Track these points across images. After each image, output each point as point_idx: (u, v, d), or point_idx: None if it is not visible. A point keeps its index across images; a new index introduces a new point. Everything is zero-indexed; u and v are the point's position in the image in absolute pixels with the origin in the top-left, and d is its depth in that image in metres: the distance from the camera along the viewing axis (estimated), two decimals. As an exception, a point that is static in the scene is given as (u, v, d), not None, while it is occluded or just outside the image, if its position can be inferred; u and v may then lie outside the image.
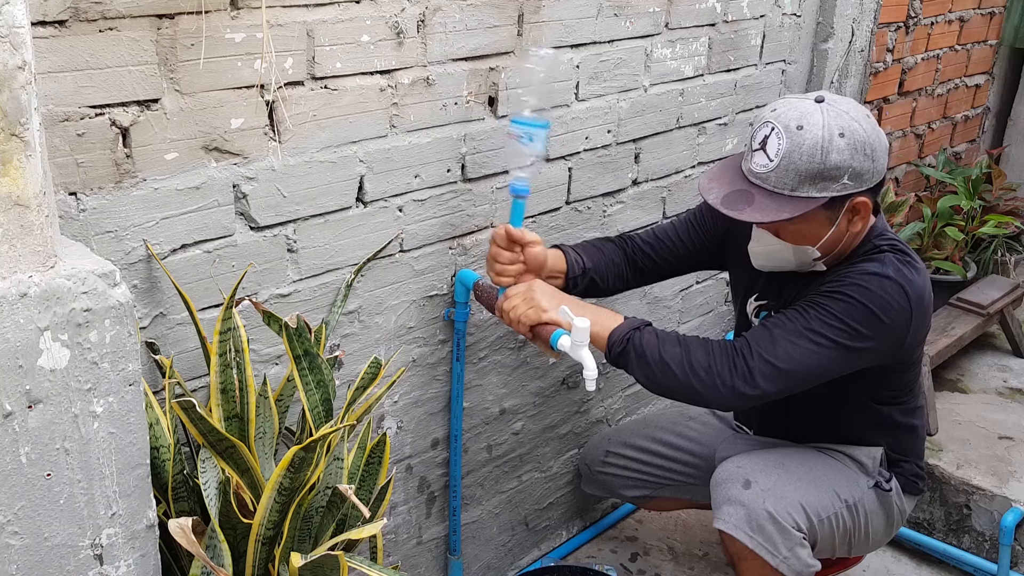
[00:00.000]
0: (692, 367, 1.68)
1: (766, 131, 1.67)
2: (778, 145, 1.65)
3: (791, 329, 1.68)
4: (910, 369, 1.90)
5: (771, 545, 1.79)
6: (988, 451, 2.67)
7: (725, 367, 1.67)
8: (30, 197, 1.07)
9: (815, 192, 1.65)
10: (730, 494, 1.84)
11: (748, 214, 1.67)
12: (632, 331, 1.73)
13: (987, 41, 3.74)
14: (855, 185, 1.66)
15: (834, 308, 1.67)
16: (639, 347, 1.71)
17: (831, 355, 1.67)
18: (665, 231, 2.06)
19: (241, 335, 1.43)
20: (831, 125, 1.63)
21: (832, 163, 1.63)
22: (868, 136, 1.65)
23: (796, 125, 1.64)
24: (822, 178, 1.64)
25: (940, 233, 3.35)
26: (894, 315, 1.68)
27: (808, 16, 2.66)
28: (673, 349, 1.70)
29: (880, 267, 1.71)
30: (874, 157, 1.66)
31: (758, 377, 1.66)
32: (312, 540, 1.51)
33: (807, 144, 1.63)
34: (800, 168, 1.63)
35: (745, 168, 1.72)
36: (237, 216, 1.54)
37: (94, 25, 1.28)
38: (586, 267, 1.94)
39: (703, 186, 1.76)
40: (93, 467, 1.19)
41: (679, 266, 2.08)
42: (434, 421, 2.04)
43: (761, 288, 1.96)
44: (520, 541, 2.41)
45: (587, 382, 1.66)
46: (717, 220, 2.00)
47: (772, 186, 1.66)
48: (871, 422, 1.94)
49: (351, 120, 1.63)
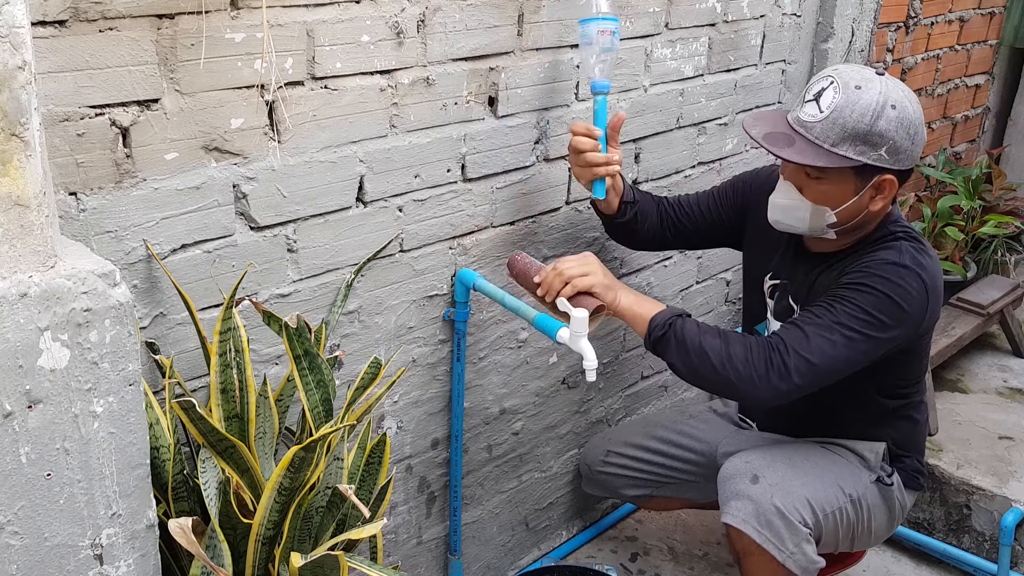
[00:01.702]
0: (731, 359, 1.71)
1: (824, 84, 1.73)
2: (833, 98, 1.70)
3: (821, 324, 1.71)
4: (919, 359, 1.93)
5: (778, 540, 1.79)
6: (988, 451, 2.67)
7: (762, 362, 1.70)
8: (30, 197, 1.07)
9: (853, 153, 1.70)
10: (738, 489, 1.84)
11: (787, 152, 1.72)
12: (675, 317, 1.77)
13: (987, 41, 3.74)
14: (891, 160, 1.71)
15: (860, 300, 1.71)
16: (680, 334, 1.74)
17: (861, 347, 1.71)
18: (689, 200, 2.12)
19: (241, 335, 1.43)
20: (887, 94, 1.69)
21: (878, 129, 1.68)
22: (915, 118, 1.72)
23: (855, 84, 1.70)
24: (864, 142, 1.69)
25: (940, 233, 3.35)
26: (914, 303, 1.73)
27: (808, 16, 2.66)
28: (713, 340, 1.73)
29: (897, 256, 1.75)
30: (914, 140, 1.72)
31: (793, 372, 1.69)
32: (312, 540, 1.51)
33: (861, 103, 1.68)
34: (847, 125, 1.68)
35: (792, 117, 1.77)
36: (237, 216, 1.54)
37: (94, 25, 1.28)
38: (635, 199, 2.02)
39: (747, 123, 1.82)
40: (93, 467, 1.19)
41: (696, 236, 2.14)
42: (434, 421, 2.04)
43: (775, 267, 1.99)
44: (520, 541, 2.41)
45: (587, 372, 1.68)
46: (739, 196, 2.07)
47: (815, 136, 1.71)
48: (876, 416, 1.96)
49: (351, 120, 1.63)
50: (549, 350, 2.24)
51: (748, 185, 2.06)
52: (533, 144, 1.98)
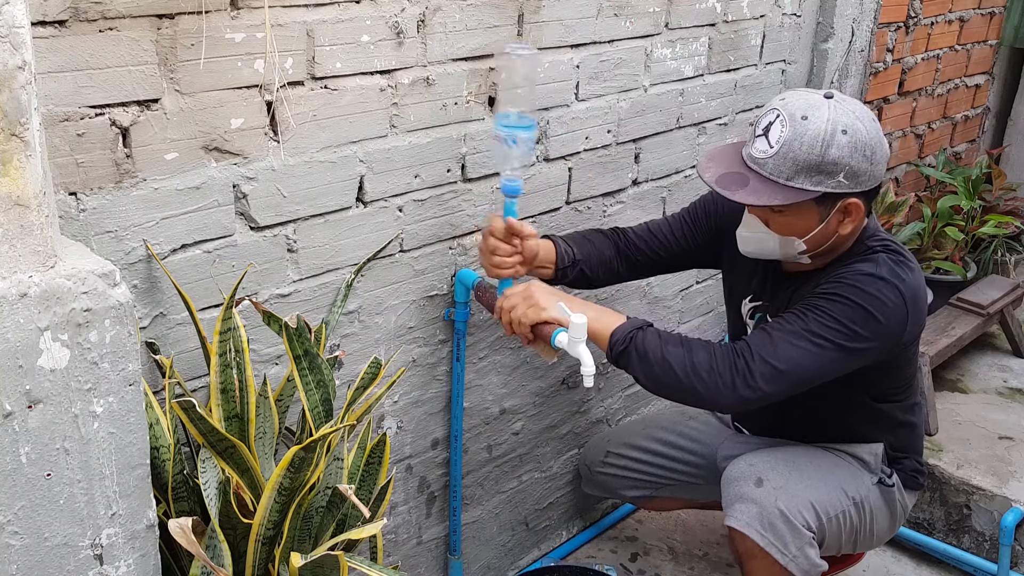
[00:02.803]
0: (694, 367, 1.68)
1: (771, 118, 1.69)
2: (780, 132, 1.66)
3: (790, 331, 1.68)
4: (907, 366, 1.90)
5: (781, 544, 1.79)
6: (988, 451, 2.67)
7: (727, 368, 1.67)
8: (30, 197, 1.07)
9: (809, 185, 1.66)
10: (742, 491, 1.84)
11: (740, 195, 1.68)
12: (635, 330, 1.73)
13: (987, 41, 3.74)
14: (850, 185, 1.67)
15: (832, 310, 1.68)
16: (641, 347, 1.71)
17: (830, 356, 1.68)
18: (659, 226, 2.06)
19: (241, 335, 1.43)
20: (836, 120, 1.65)
21: (831, 158, 1.64)
22: (870, 138, 1.66)
23: (801, 115, 1.66)
24: (818, 171, 1.65)
25: (940, 233, 3.34)
26: (890, 315, 1.69)
27: (808, 16, 2.66)
28: (676, 350, 1.70)
29: (874, 268, 1.72)
30: (873, 160, 1.67)
31: (759, 378, 1.66)
32: (312, 540, 1.51)
33: (809, 135, 1.64)
34: (799, 158, 1.64)
35: (745, 153, 1.73)
36: (237, 216, 1.54)
37: (94, 25, 1.28)
38: (576, 258, 1.94)
39: (701, 164, 1.77)
40: (93, 467, 1.19)
41: (672, 262, 2.09)
42: (434, 421, 2.04)
43: (755, 289, 1.96)
44: (520, 541, 2.41)
45: (585, 379, 1.67)
46: (711, 218, 2.02)
47: (768, 172, 1.67)
48: (870, 420, 1.95)
49: (351, 120, 1.63)
50: (549, 350, 2.24)
51: (720, 207, 2.00)
52: (533, 144, 1.98)
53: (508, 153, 1.73)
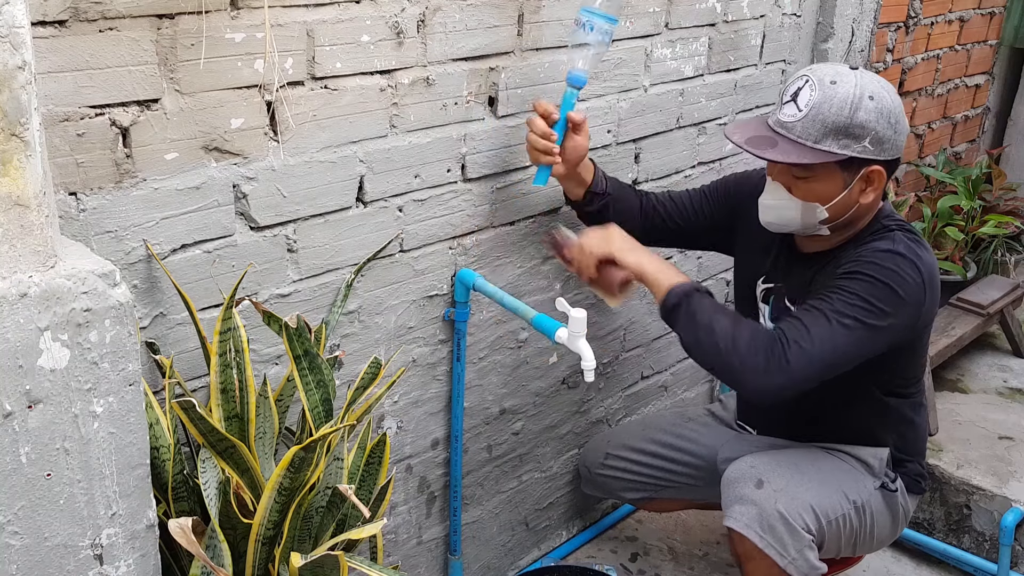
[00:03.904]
0: (735, 341, 1.70)
1: (800, 83, 1.75)
2: (809, 96, 1.71)
3: (818, 315, 1.71)
4: (919, 355, 1.93)
5: (781, 546, 1.79)
6: (988, 451, 2.67)
7: (763, 350, 1.69)
8: (30, 197, 1.07)
9: (836, 148, 1.70)
10: (742, 493, 1.84)
11: (770, 153, 1.73)
12: (692, 290, 1.77)
13: (987, 41, 3.74)
14: (875, 151, 1.72)
15: (855, 288, 1.71)
16: (691, 307, 1.74)
17: (859, 335, 1.70)
18: (681, 197, 2.11)
19: (241, 335, 1.44)
20: (863, 86, 1.70)
21: (858, 120, 1.69)
22: (894, 107, 1.73)
23: (830, 80, 1.71)
24: (846, 134, 1.70)
25: (940, 233, 3.34)
26: (909, 289, 1.72)
27: (808, 16, 2.66)
28: (723, 320, 1.73)
29: (892, 244, 1.76)
30: (896, 128, 1.73)
31: (794, 364, 1.68)
32: (312, 540, 1.51)
33: (838, 97, 1.69)
34: (827, 120, 1.69)
35: (772, 120, 1.78)
36: (237, 216, 1.54)
37: (94, 25, 1.28)
38: (607, 191, 2.00)
39: (728, 130, 1.82)
40: (93, 467, 1.19)
41: (685, 235, 2.13)
42: (434, 421, 2.04)
43: (769, 270, 1.98)
44: (520, 541, 2.41)
45: (586, 373, 1.68)
46: (731, 197, 2.05)
47: (797, 135, 1.72)
48: (876, 415, 1.95)
49: (351, 120, 1.63)
50: (549, 350, 2.24)
51: (739, 186, 2.05)
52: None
53: (583, 39, 1.78)
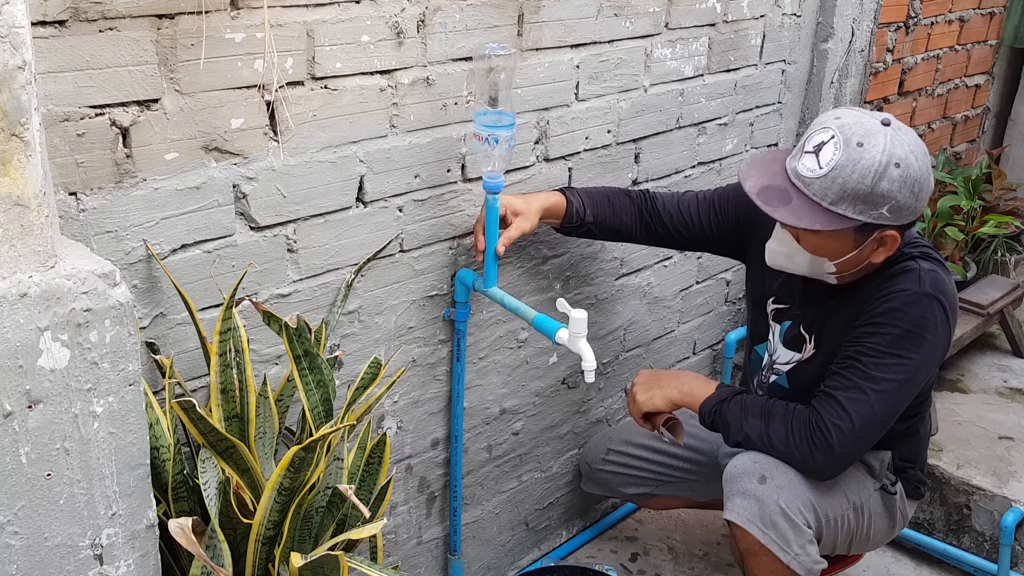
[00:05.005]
0: (770, 441, 1.77)
1: (824, 137, 1.65)
2: (832, 154, 1.63)
3: (852, 388, 1.71)
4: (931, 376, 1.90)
5: (783, 541, 1.79)
6: (988, 451, 2.67)
7: (804, 441, 1.74)
8: (30, 197, 1.07)
9: (852, 212, 1.64)
10: (744, 488, 1.83)
11: (781, 213, 1.67)
12: (720, 403, 1.83)
13: (987, 41, 3.74)
14: (893, 218, 1.66)
15: (883, 345, 1.70)
16: (724, 420, 1.83)
17: (897, 395, 1.72)
18: (688, 205, 2.06)
19: (241, 335, 1.44)
20: (892, 152, 1.61)
21: (880, 190, 1.62)
22: (921, 175, 1.64)
23: (857, 141, 1.62)
24: (865, 202, 1.63)
25: (940, 233, 3.34)
26: (939, 331, 1.72)
27: (808, 16, 2.66)
28: (754, 422, 1.79)
29: (917, 284, 1.71)
30: (919, 197, 1.66)
31: (837, 447, 1.72)
32: (312, 540, 1.51)
33: (863, 164, 1.61)
34: (847, 185, 1.62)
35: (790, 167, 1.71)
36: (237, 216, 1.54)
37: (94, 25, 1.28)
38: (585, 220, 1.97)
39: (743, 171, 1.76)
40: (93, 467, 1.19)
41: (690, 242, 2.10)
42: (434, 421, 2.04)
43: (779, 291, 1.97)
44: (520, 541, 2.41)
45: (586, 374, 1.68)
46: (741, 208, 1.99)
47: (813, 193, 1.65)
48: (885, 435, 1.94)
49: (351, 120, 1.63)
50: (549, 350, 2.24)
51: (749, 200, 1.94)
52: (533, 144, 1.99)
53: (490, 152, 1.73)
